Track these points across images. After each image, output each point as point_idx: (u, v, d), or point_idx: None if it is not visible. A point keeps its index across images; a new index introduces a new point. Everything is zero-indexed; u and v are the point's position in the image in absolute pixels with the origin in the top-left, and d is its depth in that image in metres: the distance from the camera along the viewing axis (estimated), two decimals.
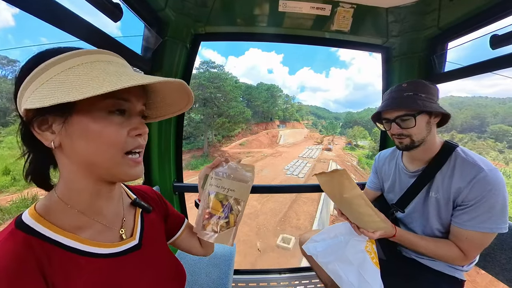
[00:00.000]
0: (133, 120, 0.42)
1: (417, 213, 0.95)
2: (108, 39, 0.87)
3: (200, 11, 1.19)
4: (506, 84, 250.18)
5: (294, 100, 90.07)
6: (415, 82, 0.87)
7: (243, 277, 1.48)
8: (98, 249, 0.43)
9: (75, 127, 0.37)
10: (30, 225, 0.37)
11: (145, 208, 0.58)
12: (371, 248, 0.88)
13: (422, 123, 0.84)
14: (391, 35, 1.31)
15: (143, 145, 0.45)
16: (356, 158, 41.92)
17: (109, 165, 0.40)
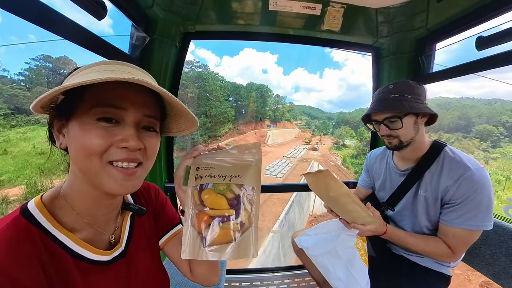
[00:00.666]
0: (124, 131, 0.38)
1: (406, 211, 0.98)
2: (94, 38, 0.84)
3: (190, 8, 1.17)
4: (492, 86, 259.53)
5: (285, 100, 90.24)
6: (402, 83, 0.88)
7: (236, 277, 1.48)
8: (90, 254, 0.43)
9: (70, 132, 0.39)
10: (33, 214, 0.38)
11: (137, 211, 0.55)
12: (361, 245, 0.90)
13: (409, 124, 0.85)
14: (380, 36, 1.32)
15: (135, 159, 0.40)
16: (341, 157, 42.45)
17: (90, 175, 0.38)
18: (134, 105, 0.39)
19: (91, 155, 0.37)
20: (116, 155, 0.38)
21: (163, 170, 1.43)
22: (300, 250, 1.32)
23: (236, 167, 0.44)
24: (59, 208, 0.42)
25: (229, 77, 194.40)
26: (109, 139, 0.37)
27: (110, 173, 0.38)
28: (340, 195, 0.80)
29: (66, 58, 55.15)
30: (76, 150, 0.38)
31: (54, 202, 0.42)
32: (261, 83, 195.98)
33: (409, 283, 0.93)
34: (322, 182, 0.81)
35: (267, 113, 73.98)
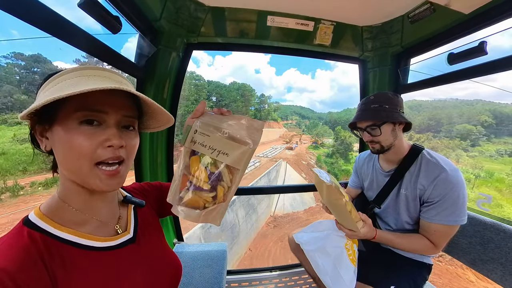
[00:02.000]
0: (107, 131, 0.42)
1: (390, 208, 1.08)
2: (103, 48, 0.90)
3: (193, 22, 1.26)
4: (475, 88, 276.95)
5: (271, 100, 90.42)
6: (381, 95, 0.99)
7: (235, 277, 1.52)
8: (95, 242, 0.46)
9: (55, 136, 0.41)
10: (35, 222, 0.41)
11: (137, 203, 0.61)
12: (350, 246, 0.97)
13: (387, 131, 0.96)
14: (366, 50, 1.47)
15: (120, 156, 0.44)
16: (315, 157, 42.25)
17: (79, 175, 0.42)
18: (114, 108, 0.43)
19: (80, 157, 0.40)
20: (103, 155, 0.41)
21: (163, 172, 1.47)
22: (296, 249, 1.39)
23: (228, 144, 0.44)
24: (60, 210, 0.45)
25: (221, 77, 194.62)
26: (94, 140, 0.40)
27: (97, 175, 0.42)
28: (338, 205, 0.87)
29: (40, 56, 52.84)
30: (65, 153, 0.41)
31: (53, 207, 0.45)
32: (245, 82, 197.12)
33: (395, 273, 1.01)
34: (324, 190, 0.88)
35: (249, 112, 73.82)
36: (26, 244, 0.38)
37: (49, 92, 0.39)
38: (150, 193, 0.70)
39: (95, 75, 0.42)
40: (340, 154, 42.88)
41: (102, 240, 0.48)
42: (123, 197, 0.60)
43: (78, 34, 0.77)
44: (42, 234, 0.40)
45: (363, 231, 0.92)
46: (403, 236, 0.98)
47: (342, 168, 38.42)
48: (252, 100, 77.36)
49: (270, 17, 1.27)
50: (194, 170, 0.45)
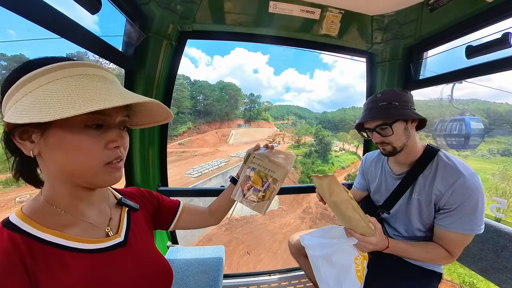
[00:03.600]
0: (111, 133, 0.43)
1: (400, 213, 1.00)
2: (87, 35, 0.79)
3: (187, 7, 1.13)
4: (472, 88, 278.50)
5: (261, 99, 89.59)
6: (388, 92, 0.91)
7: (233, 281, 1.45)
8: (83, 244, 0.45)
9: (53, 139, 0.39)
10: (16, 224, 0.40)
11: (131, 207, 0.60)
12: (360, 262, 0.89)
13: (399, 130, 0.88)
14: (375, 42, 1.36)
15: (124, 155, 0.46)
16: None
17: (87, 175, 0.42)
18: (116, 110, 0.44)
19: (90, 160, 0.41)
20: (110, 156, 0.43)
21: (156, 174, 1.38)
22: (296, 253, 1.33)
23: (274, 165, 0.73)
24: (45, 213, 0.43)
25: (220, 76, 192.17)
26: (101, 142, 0.41)
27: (106, 171, 0.43)
28: (341, 201, 0.79)
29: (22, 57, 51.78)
30: (70, 156, 0.40)
31: (37, 209, 0.43)
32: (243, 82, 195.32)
33: (404, 282, 0.95)
34: (325, 186, 0.81)
35: (235, 112, 72.57)
36: (6, 247, 0.36)
37: (50, 92, 0.36)
38: (149, 201, 0.70)
39: (95, 74, 0.41)
40: (318, 154, 42.45)
41: (90, 242, 0.46)
42: (117, 199, 0.60)
43: (55, 18, 0.67)
44: (24, 236, 0.39)
45: (374, 239, 0.82)
46: (418, 246, 0.91)
47: (317, 168, 37.80)
48: (240, 100, 76.06)
49: (273, 2, 1.15)
50: (254, 179, 0.74)
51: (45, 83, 0.37)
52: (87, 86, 0.38)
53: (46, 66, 0.37)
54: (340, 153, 47.79)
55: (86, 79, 0.39)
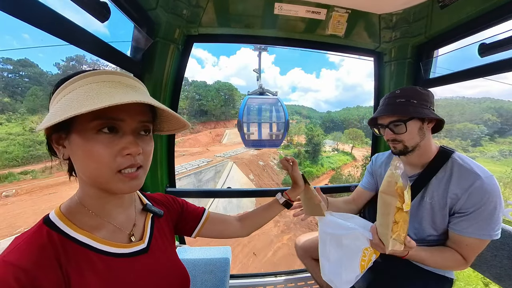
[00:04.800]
0: (124, 139, 0.42)
1: (411, 217, 0.98)
2: (97, 42, 0.82)
3: (193, 11, 1.15)
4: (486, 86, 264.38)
5: None
6: (408, 89, 0.88)
7: (239, 282, 1.46)
8: (110, 248, 0.47)
9: (73, 144, 0.41)
10: (54, 222, 0.43)
11: (156, 213, 0.61)
12: (369, 254, 0.86)
13: (413, 129, 0.85)
14: (383, 41, 1.34)
15: (138, 163, 0.45)
16: (277, 157, 39.36)
17: (101, 181, 0.43)
18: (130, 115, 0.43)
19: (101, 166, 0.41)
20: (123, 163, 0.42)
21: (164, 175, 1.41)
22: (303, 254, 1.32)
23: None
24: (78, 213, 0.46)
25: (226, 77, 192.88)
26: (113, 148, 0.41)
27: (119, 179, 0.43)
28: (387, 203, 0.74)
29: (27, 61, 54.26)
30: (85, 161, 0.41)
31: (72, 209, 0.46)
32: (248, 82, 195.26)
33: (410, 286, 0.93)
34: (388, 174, 0.75)
35: (231, 112, 70.94)
36: (44, 243, 0.39)
37: (63, 103, 0.39)
38: (173, 207, 0.70)
39: (108, 81, 0.41)
40: (309, 154, 41.08)
41: (116, 246, 0.48)
42: (142, 205, 0.61)
43: (66, 26, 0.69)
44: (60, 234, 0.41)
45: (391, 251, 0.77)
46: (434, 252, 0.87)
47: (305, 169, 36.39)
48: (238, 100, 75.03)
49: (278, 4, 1.15)
50: None
51: (68, 93, 0.40)
52: (102, 90, 0.39)
53: (71, 79, 0.41)
54: (332, 153, 46.34)
55: (96, 85, 0.40)
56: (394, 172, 0.72)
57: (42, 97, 42.55)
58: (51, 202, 3.12)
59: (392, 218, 0.72)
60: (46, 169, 24.49)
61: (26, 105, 40.49)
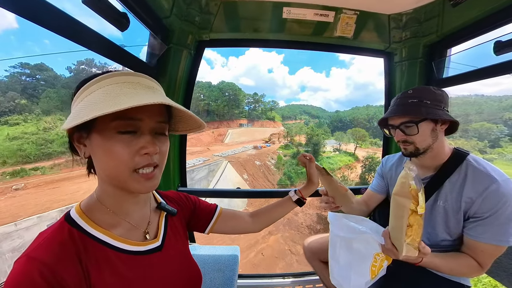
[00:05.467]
0: (142, 139, 0.44)
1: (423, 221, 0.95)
2: (115, 48, 0.88)
3: (205, 18, 1.21)
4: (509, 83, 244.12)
5: (265, 98, 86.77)
6: (421, 89, 0.86)
7: (246, 282, 1.48)
8: (126, 245, 0.48)
9: (94, 143, 0.43)
10: (75, 219, 0.45)
11: (170, 212, 0.63)
12: (381, 260, 0.84)
13: (426, 131, 0.83)
14: (393, 41, 1.32)
15: (155, 163, 0.46)
16: (275, 157, 38.90)
17: (119, 180, 0.44)
18: (149, 115, 0.44)
19: (120, 165, 0.42)
20: (140, 162, 0.44)
21: (176, 174, 1.46)
22: (311, 256, 1.31)
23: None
24: (97, 211, 0.48)
25: (235, 77, 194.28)
26: (132, 148, 0.43)
27: (136, 179, 0.44)
28: (400, 205, 0.71)
29: (43, 65, 57.56)
30: (104, 160, 0.43)
31: (91, 206, 0.48)
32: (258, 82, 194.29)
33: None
34: (401, 174, 0.73)
35: (235, 111, 70.85)
36: (66, 240, 0.41)
37: (86, 104, 0.41)
38: (186, 205, 0.72)
39: (128, 82, 0.43)
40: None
41: (132, 244, 0.50)
42: (157, 203, 0.62)
43: (86, 33, 0.75)
44: (80, 232, 0.43)
45: (404, 257, 0.74)
46: (448, 258, 0.83)
47: (301, 170, 34.44)
48: (242, 100, 74.83)
49: (286, 8, 1.18)
50: None
51: (86, 95, 0.42)
52: (115, 92, 0.41)
53: (89, 82, 0.43)
54: (333, 153, 44.64)
55: (116, 86, 0.42)
56: (408, 173, 0.70)
57: (55, 99, 44.79)
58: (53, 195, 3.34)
59: (406, 221, 0.70)
60: (54, 165, 26.33)
61: (41, 107, 42.83)
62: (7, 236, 8.42)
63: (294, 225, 20.73)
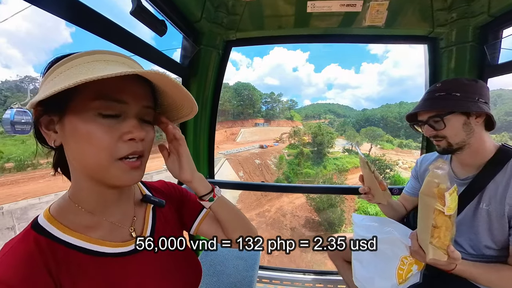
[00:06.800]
0: (127, 123, 0.38)
1: (464, 225, 0.84)
2: (154, 51, 1.03)
3: (231, 19, 1.29)
4: None
5: (283, 97, 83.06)
6: (451, 81, 0.81)
7: (267, 273, 1.51)
8: (106, 248, 0.43)
9: (67, 127, 0.37)
10: (43, 226, 0.39)
11: (157, 203, 0.55)
12: (409, 263, 0.79)
13: (456, 124, 0.77)
14: (437, 25, 1.18)
15: (141, 151, 0.41)
16: (278, 156, 36.56)
17: (99, 170, 0.39)
18: (134, 98, 0.39)
19: (100, 152, 0.37)
20: (124, 150, 0.38)
21: (205, 167, 1.57)
22: (334, 254, 1.27)
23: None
24: (70, 213, 0.42)
25: (259, 77, 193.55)
26: (115, 133, 0.37)
27: (119, 168, 0.39)
28: (426, 204, 0.68)
29: None
30: (81, 147, 0.37)
31: (63, 209, 0.42)
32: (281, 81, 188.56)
33: None
34: (437, 177, 0.68)
35: (249, 111, 69.08)
36: (31, 251, 0.35)
37: (60, 78, 0.35)
38: (174, 195, 0.64)
39: (113, 61, 0.39)
40: (314, 155, 36.19)
41: (114, 245, 0.44)
42: (142, 195, 0.55)
43: (130, 39, 0.88)
44: (49, 239, 0.38)
45: (431, 261, 0.69)
46: (490, 270, 0.74)
47: (304, 170, 31.69)
48: (257, 99, 73.05)
49: (310, 2, 1.17)
50: None
51: (65, 70, 0.36)
52: (100, 67, 0.36)
53: (68, 56, 0.37)
54: (342, 154, 39.68)
55: (101, 63, 0.37)
56: (434, 171, 0.66)
57: None
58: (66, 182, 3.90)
59: (432, 221, 0.66)
60: None
61: None
62: (32, 206, 11.08)
63: (278, 226, 20.05)
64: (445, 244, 0.65)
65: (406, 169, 32.93)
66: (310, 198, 20.93)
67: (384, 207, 1.05)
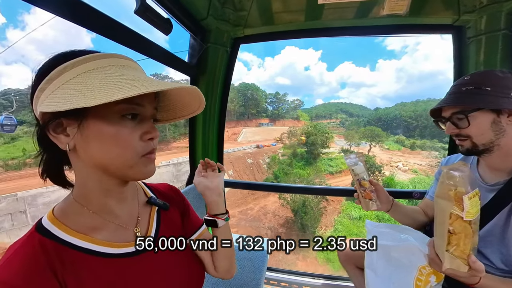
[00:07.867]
0: (145, 125, 0.42)
1: (494, 237, 0.76)
2: (162, 51, 1.03)
3: (239, 15, 1.25)
4: None
5: (287, 97, 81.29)
6: (481, 74, 0.73)
7: (275, 275, 1.48)
8: (111, 249, 0.44)
9: (90, 130, 0.38)
10: (47, 228, 0.40)
11: (162, 206, 0.57)
12: (427, 273, 0.73)
13: (483, 122, 0.69)
14: (463, 12, 1.06)
15: (156, 148, 0.46)
16: (270, 155, 35.67)
17: (123, 167, 0.41)
18: (149, 101, 0.43)
19: (126, 151, 0.40)
20: (146, 148, 0.42)
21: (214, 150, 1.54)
22: (346, 260, 1.21)
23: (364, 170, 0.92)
24: (74, 214, 0.43)
25: (270, 77, 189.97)
26: (137, 133, 0.41)
27: (143, 163, 0.43)
28: (441, 207, 0.63)
29: None
30: (107, 148, 0.39)
31: (67, 210, 0.43)
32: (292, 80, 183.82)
33: None
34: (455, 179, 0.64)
35: (252, 111, 67.65)
36: (36, 253, 0.36)
37: (82, 82, 0.36)
38: (176, 200, 0.65)
39: (126, 65, 0.42)
40: (308, 156, 34.49)
41: (119, 246, 0.45)
42: (147, 197, 0.57)
43: (136, 39, 0.89)
44: (53, 241, 0.38)
45: (449, 271, 0.64)
46: None
47: (294, 170, 29.89)
48: (261, 100, 72.02)
49: None
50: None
51: (81, 72, 0.37)
52: (125, 73, 0.39)
53: (77, 58, 0.37)
54: (337, 155, 37.64)
55: (119, 68, 0.40)
56: (449, 173, 0.60)
57: None
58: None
59: (448, 226, 0.60)
60: None
61: None
62: (40, 195, 12.03)
63: (256, 224, 19.77)
64: (465, 253, 0.59)
65: (406, 171, 31.43)
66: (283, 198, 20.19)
67: (396, 214, 0.97)
